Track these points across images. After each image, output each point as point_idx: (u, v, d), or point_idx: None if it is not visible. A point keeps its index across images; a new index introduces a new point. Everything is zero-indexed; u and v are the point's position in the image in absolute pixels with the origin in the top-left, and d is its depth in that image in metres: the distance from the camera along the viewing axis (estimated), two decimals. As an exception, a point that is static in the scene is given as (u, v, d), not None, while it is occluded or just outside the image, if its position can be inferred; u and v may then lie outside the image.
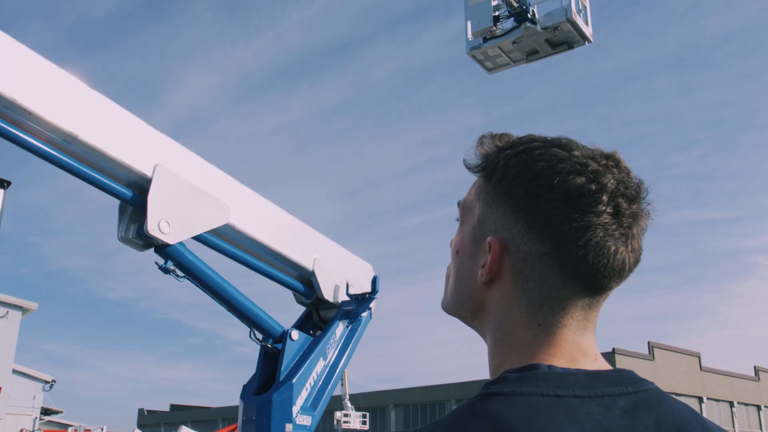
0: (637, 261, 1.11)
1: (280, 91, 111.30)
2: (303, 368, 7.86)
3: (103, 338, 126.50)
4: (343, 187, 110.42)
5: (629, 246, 1.08)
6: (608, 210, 1.05)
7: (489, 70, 15.97)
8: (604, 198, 1.05)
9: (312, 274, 8.43)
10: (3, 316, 36.03)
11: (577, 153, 1.10)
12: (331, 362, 8.33)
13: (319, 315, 8.92)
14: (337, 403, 34.48)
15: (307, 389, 7.88)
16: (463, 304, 1.20)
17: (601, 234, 1.05)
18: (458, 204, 1.28)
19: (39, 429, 37.08)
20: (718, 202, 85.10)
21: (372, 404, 47.52)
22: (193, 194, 6.87)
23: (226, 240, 7.52)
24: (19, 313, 37.73)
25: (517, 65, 15.80)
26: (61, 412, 46.33)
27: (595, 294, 1.10)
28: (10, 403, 35.35)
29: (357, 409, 34.80)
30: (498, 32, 15.05)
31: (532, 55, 15.55)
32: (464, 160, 1.23)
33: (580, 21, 14.61)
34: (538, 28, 14.68)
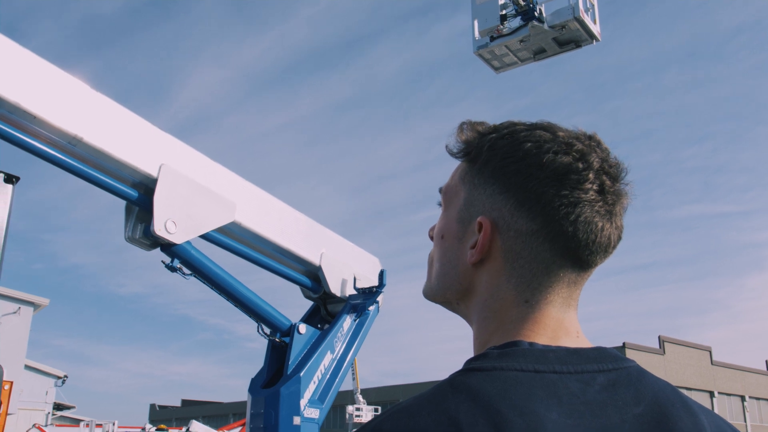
0: (619, 238, 1.15)
1: (289, 87, 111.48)
2: (311, 361, 7.89)
3: (114, 334, 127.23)
4: (352, 184, 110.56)
5: (613, 223, 1.13)
6: (594, 187, 1.10)
7: (496, 69, 15.95)
8: (591, 176, 1.10)
9: (319, 269, 8.48)
10: (15, 312, 36.24)
11: (561, 134, 1.14)
12: (339, 355, 8.36)
13: (326, 309, 8.95)
14: (349, 397, 34.60)
15: (315, 382, 7.92)
16: (450, 287, 1.22)
17: (588, 211, 1.09)
18: (440, 190, 1.32)
19: (51, 424, 37.27)
20: (729, 196, 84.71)
21: (382, 399, 47.57)
22: (199, 193, 6.93)
23: (233, 237, 7.57)
24: (30, 309, 37.94)
25: (525, 64, 15.75)
26: (73, 407, 46.59)
27: (581, 270, 1.14)
28: (23, 398, 35.54)
29: (368, 404, 34.84)
30: (505, 31, 15.02)
31: (539, 54, 15.51)
32: (446, 147, 1.27)
33: (587, 19, 14.57)
34: (546, 26, 14.64)
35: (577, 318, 1.15)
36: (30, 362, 39.70)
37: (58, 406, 44.22)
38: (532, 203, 1.10)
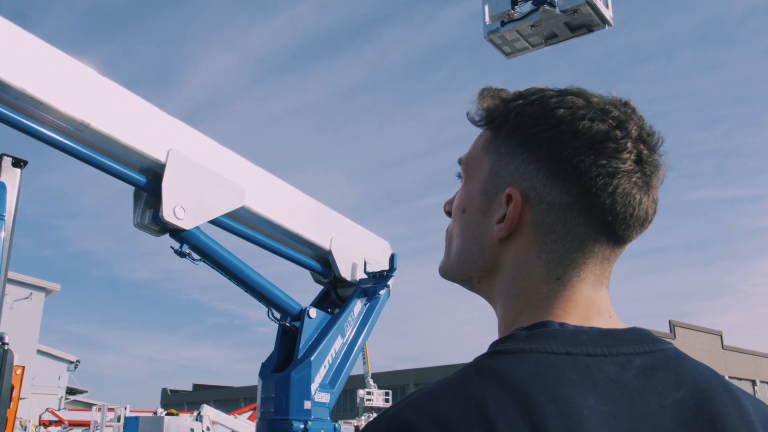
0: (655, 212, 1.08)
1: (298, 72, 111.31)
2: (321, 346, 7.89)
3: (126, 319, 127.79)
4: (362, 168, 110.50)
5: (650, 196, 1.06)
6: (632, 157, 1.03)
7: (507, 54, 15.79)
8: (629, 144, 1.02)
9: (329, 253, 8.45)
10: (26, 298, 36.46)
11: (595, 99, 1.06)
12: (350, 340, 8.35)
13: (337, 293, 8.95)
14: (359, 381, 34.69)
15: (325, 366, 7.92)
16: (472, 264, 1.13)
17: (626, 182, 1.02)
18: (459, 161, 1.22)
19: (64, 408, 37.53)
20: (741, 180, 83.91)
21: (392, 383, 47.72)
22: (208, 178, 6.89)
23: (242, 222, 7.54)
24: (42, 295, 38.19)
25: (536, 49, 15.56)
26: (85, 391, 46.93)
27: (615, 246, 1.07)
28: (37, 383, 35.83)
29: (378, 388, 34.92)
30: (516, 16, 14.82)
31: (550, 39, 15.31)
32: (467, 114, 1.18)
33: (599, 4, 14.36)
34: (557, 11, 14.44)
35: (608, 297, 1.09)
36: (43, 347, 40.00)
37: (70, 391, 44.55)
38: (567, 173, 1.03)
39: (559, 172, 1.03)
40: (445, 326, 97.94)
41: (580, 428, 0.83)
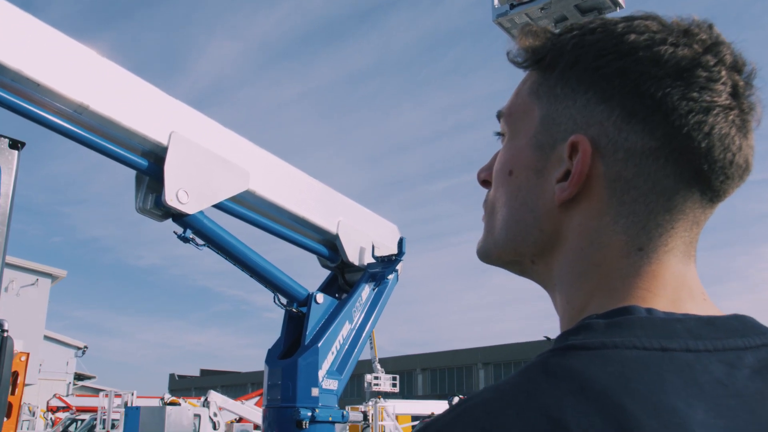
0: (752, 163, 0.87)
1: (304, 58, 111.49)
2: (329, 332, 7.76)
3: (133, 305, 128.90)
4: (368, 154, 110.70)
5: (748, 139, 0.85)
6: (728, 89, 0.81)
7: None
8: (723, 73, 0.81)
9: (336, 237, 8.30)
10: (33, 284, 36.59)
11: (673, 21, 0.85)
12: (358, 326, 8.22)
13: (344, 278, 8.81)
14: (367, 366, 34.74)
15: (333, 353, 7.80)
16: (526, 238, 0.90)
17: (722, 120, 0.80)
18: (499, 115, 0.99)
19: (72, 394, 37.73)
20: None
21: (400, 368, 47.90)
22: (211, 161, 6.72)
23: (247, 206, 7.39)
24: (48, 281, 38.34)
25: None
26: (93, 377, 47.26)
27: (709, 204, 0.85)
28: (45, 368, 36.08)
29: (386, 373, 34.99)
30: (525, -2, 14.69)
31: (560, 22, 15.14)
32: (508, 55, 0.95)
33: None
34: (567, -7, 14.31)
35: (697, 273, 0.87)
36: (50, 333, 40.21)
37: (78, 377, 44.81)
38: (649, 112, 0.80)
39: (638, 111, 0.81)
40: (452, 312, 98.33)
41: None
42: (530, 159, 0.90)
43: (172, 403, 20.00)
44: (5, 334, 5.81)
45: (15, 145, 5.51)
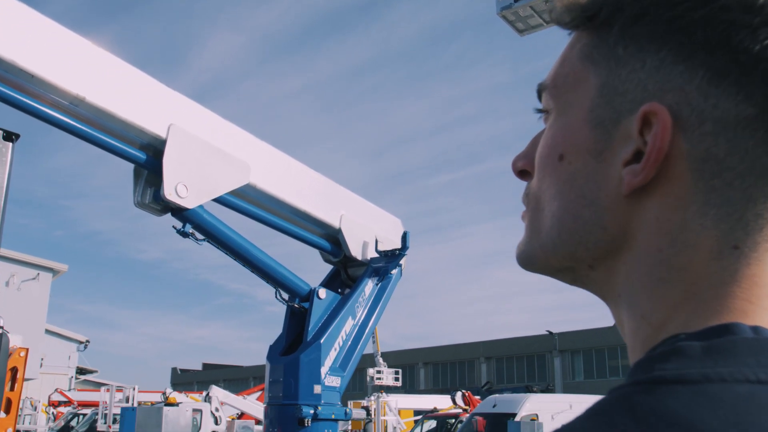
0: None
1: (306, 50, 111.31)
2: (331, 328, 7.65)
3: (135, 299, 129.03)
4: (370, 147, 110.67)
5: None
6: None
7: (520, 31, 15.47)
8: None
9: (339, 231, 8.18)
10: (34, 278, 36.55)
11: None
12: (361, 321, 8.11)
13: (347, 273, 8.69)
14: (369, 360, 34.67)
15: (335, 349, 7.69)
16: (585, 237, 0.70)
17: None
18: (540, 89, 0.79)
19: (74, 388, 37.72)
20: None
21: (402, 362, 47.77)
22: (211, 154, 6.59)
23: (248, 200, 7.28)
24: (49, 275, 38.27)
25: (550, 26, 15.32)
26: (96, 371, 47.26)
27: None
28: (47, 363, 36.07)
29: (388, 367, 34.89)
30: (530, -10, 14.52)
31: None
32: (551, 14, 0.76)
33: None
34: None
35: None
36: (52, 327, 40.19)
37: (81, 371, 44.80)
38: (744, 71, 0.62)
39: (729, 72, 0.62)
40: (454, 306, 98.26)
41: None
42: (587, 139, 0.71)
43: (169, 404, 19.88)
44: (0, 331, 5.71)
45: (9, 137, 5.41)
